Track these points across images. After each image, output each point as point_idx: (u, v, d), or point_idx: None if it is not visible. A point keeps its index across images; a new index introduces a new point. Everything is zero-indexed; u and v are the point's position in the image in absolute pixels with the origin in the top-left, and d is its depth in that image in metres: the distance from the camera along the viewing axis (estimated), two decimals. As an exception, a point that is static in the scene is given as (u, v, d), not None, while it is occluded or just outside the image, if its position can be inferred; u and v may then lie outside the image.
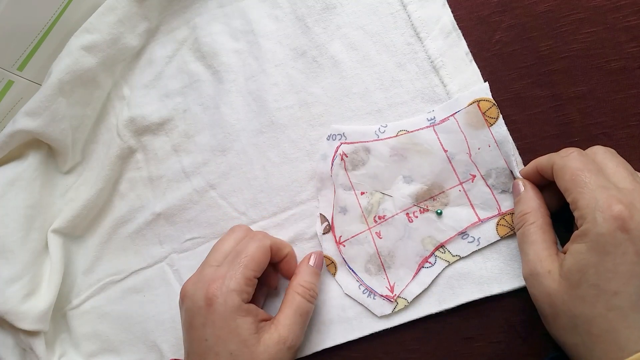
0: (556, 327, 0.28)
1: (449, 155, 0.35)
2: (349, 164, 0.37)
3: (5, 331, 0.42)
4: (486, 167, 0.34)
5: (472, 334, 0.35)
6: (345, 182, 0.37)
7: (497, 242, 0.34)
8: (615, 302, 0.25)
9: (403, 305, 0.35)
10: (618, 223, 0.25)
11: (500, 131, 0.34)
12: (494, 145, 0.34)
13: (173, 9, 0.45)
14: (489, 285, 0.34)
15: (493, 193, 0.34)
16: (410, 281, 0.35)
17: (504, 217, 0.34)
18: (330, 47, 0.40)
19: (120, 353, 0.44)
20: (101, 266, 0.45)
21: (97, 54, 0.43)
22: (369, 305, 0.36)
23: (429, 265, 0.35)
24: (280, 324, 0.33)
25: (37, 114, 0.41)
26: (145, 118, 0.44)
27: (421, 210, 0.36)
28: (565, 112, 0.34)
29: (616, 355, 0.25)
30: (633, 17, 0.33)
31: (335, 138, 0.38)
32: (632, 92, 0.33)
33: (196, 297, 0.33)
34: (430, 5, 0.38)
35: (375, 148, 0.37)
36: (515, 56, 0.36)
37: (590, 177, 0.27)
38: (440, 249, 0.35)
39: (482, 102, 0.34)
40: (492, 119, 0.34)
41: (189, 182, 0.43)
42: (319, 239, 0.38)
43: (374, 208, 0.37)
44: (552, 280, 0.27)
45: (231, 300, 0.32)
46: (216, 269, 0.34)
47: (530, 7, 0.35)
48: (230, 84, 0.42)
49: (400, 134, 0.37)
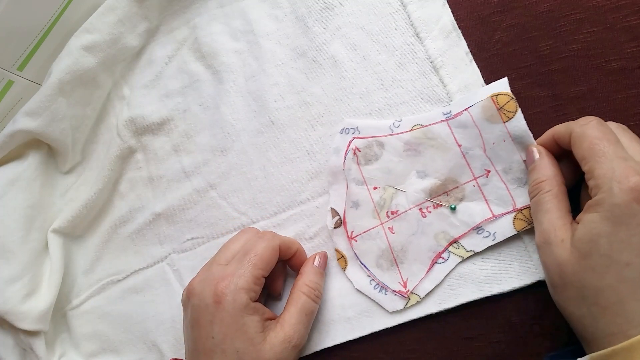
0: (564, 298, 0.27)
1: (463, 150, 0.35)
2: (361, 158, 0.37)
3: (5, 331, 0.42)
4: (501, 162, 0.34)
5: (472, 334, 0.35)
6: (358, 176, 0.37)
7: (498, 242, 0.34)
8: (626, 274, 0.24)
9: (415, 301, 0.35)
10: (634, 194, 0.24)
11: (519, 125, 0.33)
12: (509, 140, 0.34)
13: (173, 9, 0.45)
14: (489, 286, 0.34)
15: (508, 189, 0.34)
16: (424, 277, 0.35)
17: (521, 212, 0.33)
18: (330, 47, 0.40)
19: (120, 353, 0.44)
20: (101, 266, 0.45)
21: (97, 54, 0.43)
22: (380, 301, 0.36)
23: (442, 261, 0.35)
24: (286, 323, 0.33)
25: (37, 114, 0.41)
26: (145, 118, 0.44)
27: (435, 205, 0.35)
28: (565, 112, 0.34)
29: (622, 327, 0.24)
30: (633, 17, 0.33)
31: (349, 132, 0.38)
32: (632, 92, 0.33)
33: (204, 295, 0.33)
34: (430, 5, 0.38)
35: (389, 143, 0.37)
36: (515, 56, 0.36)
37: (609, 147, 0.26)
38: (454, 244, 0.35)
39: (499, 96, 0.34)
40: (511, 112, 0.34)
41: (189, 182, 0.43)
42: (329, 233, 0.38)
43: (387, 203, 0.36)
44: (564, 249, 0.27)
45: (239, 299, 0.32)
46: (224, 267, 0.34)
47: (530, 7, 0.35)
48: (230, 84, 0.42)
49: (414, 128, 0.36)
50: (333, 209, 0.38)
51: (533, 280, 0.33)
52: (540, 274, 0.33)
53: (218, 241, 0.42)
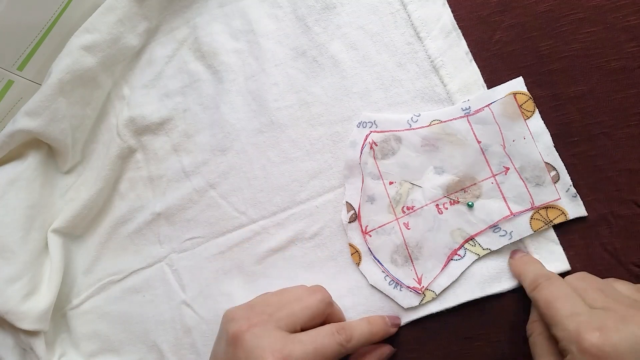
0: None
1: (482, 147, 0.35)
2: (378, 152, 0.37)
3: (5, 331, 0.42)
4: (520, 160, 0.34)
5: (472, 334, 0.35)
6: (374, 171, 0.37)
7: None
8: None
9: (431, 298, 0.35)
10: (592, 353, 0.24)
11: (538, 124, 0.33)
12: (529, 138, 0.34)
13: (173, 9, 0.45)
14: (489, 285, 0.34)
15: (527, 186, 0.34)
16: (439, 273, 0.35)
17: (537, 211, 0.33)
18: (330, 46, 0.40)
19: (120, 353, 0.44)
20: (101, 266, 0.45)
21: (97, 54, 0.43)
22: (396, 297, 0.36)
23: (458, 258, 0.35)
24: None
25: (37, 114, 0.41)
26: (145, 118, 0.44)
27: (451, 202, 0.35)
28: (565, 112, 0.34)
29: None
30: (633, 17, 0.33)
31: (366, 126, 0.38)
32: (632, 92, 0.33)
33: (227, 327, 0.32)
34: (430, 4, 0.38)
35: (406, 137, 0.37)
36: (515, 56, 0.36)
37: (565, 306, 0.27)
38: (470, 241, 0.35)
39: (518, 94, 0.34)
40: (529, 112, 0.34)
41: (189, 182, 0.43)
42: (344, 227, 0.38)
43: (403, 198, 0.36)
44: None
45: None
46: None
47: (530, 7, 0.35)
48: (230, 83, 0.42)
49: (433, 123, 0.36)
50: (348, 203, 0.38)
51: (533, 280, 0.33)
52: (540, 273, 0.33)
53: (217, 241, 0.42)
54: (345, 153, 0.38)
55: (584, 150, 0.33)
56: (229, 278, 0.41)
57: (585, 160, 0.33)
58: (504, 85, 0.35)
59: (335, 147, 0.39)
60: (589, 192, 0.33)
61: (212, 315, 0.41)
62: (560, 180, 0.33)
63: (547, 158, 0.33)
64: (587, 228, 0.33)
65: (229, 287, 0.41)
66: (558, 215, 0.33)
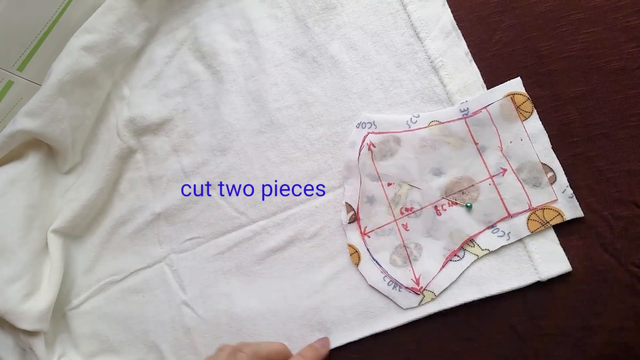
0: None
1: (479, 148, 0.35)
2: (377, 153, 0.37)
3: (5, 331, 0.42)
4: (518, 161, 0.34)
5: (471, 335, 0.35)
6: (372, 172, 0.37)
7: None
8: None
9: (430, 298, 0.35)
10: None
11: (535, 125, 0.34)
12: (527, 139, 0.34)
13: (173, 9, 0.45)
14: (489, 286, 0.34)
15: (524, 188, 0.34)
16: (437, 274, 0.35)
17: (534, 212, 0.33)
18: (330, 47, 0.40)
19: (120, 353, 0.44)
20: (101, 266, 0.45)
21: (97, 54, 0.43)
22: (395, 298, 0.36)
23: (457, 259, 0.35)
24: None
25: (37, 114, 0.41)
26: (145, 118, 0.44)
27: (450, 203, 0.35)
28: (565, 112, 0.34)
29: None
30: (633, 17, 0.33)
31: (365, 126, 0.38)
32: (632, 92, 0.33)
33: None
34: (430, 5, 0.37)
35: (405, 138, 0.37)
36: (515, 56, 0.36)
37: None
38: (469, 242, 0.35)
39: (516, 95, 0.34)
40: (527, 112, 0.34)
41: (189, 182, 0.43)
42: (344, 227, 0.38)
43: (401, 200, 0.36)
44: None
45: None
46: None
47: (530, 7, 0.35)
48: (230, 83, 0.42)
49: (432, 124, 0.36)
50: (348, 204, 0.38)
51: (532, 281, 0.33)
52: (539, 274, 0.33)
53: (217, 241, 0.42)
54: (344, 154, 0.38)
55: (583, 150, 0.33)
56: (228, 278, 0.41)
57: (585, 161, 0.33)
58: (502, 85, 0.35)
59: (335, 148, 0.39)
60: (588, 192, 0.33)
61: (212, 316, 0.41)
62: (557, 182, 0.33)
63: (545, 159, 0.33)
64: (587, 229, 0.33)
65: (229, 287, 0.41)
66: (555, 217, 0.33)
